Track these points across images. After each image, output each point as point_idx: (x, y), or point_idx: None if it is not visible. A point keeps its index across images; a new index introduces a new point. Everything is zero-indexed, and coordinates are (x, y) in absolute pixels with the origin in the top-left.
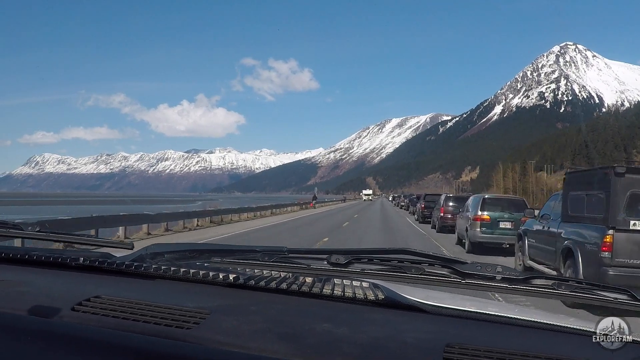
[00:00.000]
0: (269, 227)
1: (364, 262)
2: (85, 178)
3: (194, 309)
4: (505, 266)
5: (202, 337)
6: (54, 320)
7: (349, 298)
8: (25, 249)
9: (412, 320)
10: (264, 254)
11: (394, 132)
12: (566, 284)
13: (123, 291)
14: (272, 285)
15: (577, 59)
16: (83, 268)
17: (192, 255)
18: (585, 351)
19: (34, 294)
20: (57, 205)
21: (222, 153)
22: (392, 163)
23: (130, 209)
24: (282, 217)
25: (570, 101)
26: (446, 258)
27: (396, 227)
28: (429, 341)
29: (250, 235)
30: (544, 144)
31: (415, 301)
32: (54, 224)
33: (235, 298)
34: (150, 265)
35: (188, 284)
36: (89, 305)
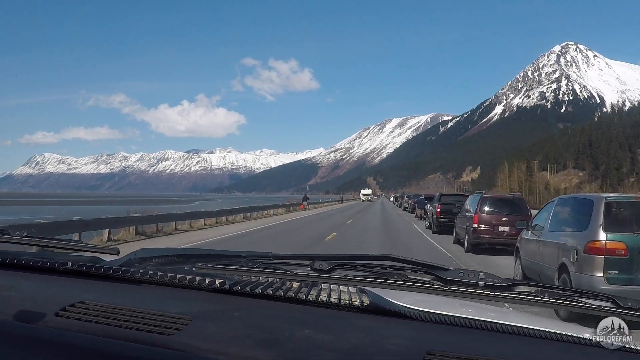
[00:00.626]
0: (219, 240)
1: (347, 268)
2: (85, 178)
3: (177, 314)
4: (488, 273)
5: (183, 343)
6: (38, 325)
7: (334, 304)
8: (13, 253)
9: (396, 327)
10: (249, 260)
11: (395, 132)
12: (550, 291)
13: (108, 296)
14: (257, 290)
15: (578, 59)
16: (71, 273)
17: (179, 260)
18: (569, 357)
19: (19, 299)
20: (58, 206)
21: (223, 153)
22: (393, 163)
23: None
24: (255, 224)
25: (571, 101)
26: (429, 265)
27: (404, 241)
28: (409, 348)
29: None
30: (545, 143)
31: (400, 306)
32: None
33: (219, 303)
34: (137, 270)
35: (173, 289)
36: (72, 310)
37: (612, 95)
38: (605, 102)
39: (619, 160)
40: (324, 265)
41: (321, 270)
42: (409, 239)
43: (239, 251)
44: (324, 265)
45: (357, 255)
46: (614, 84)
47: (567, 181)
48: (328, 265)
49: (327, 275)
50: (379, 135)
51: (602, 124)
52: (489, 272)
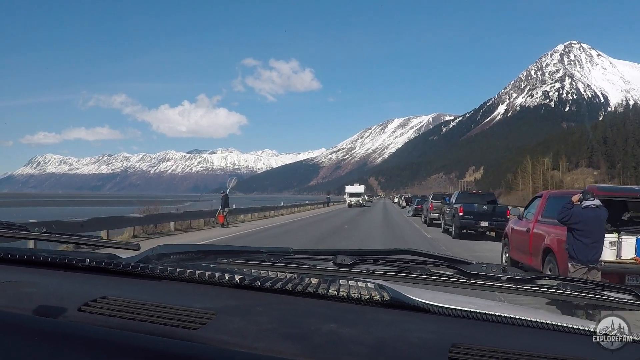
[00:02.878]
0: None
1: (370, 262)
2: (87, 178)
3: (200, 309)
4: (510, 266)
5: (208, 337)
6: (61, 320)
7: (354, 299)
8: (32, 250)
9: (418, 321)
10: (270, 255)
11: (397, 132)
12: (571, 284)
13: (129, 292)
14: (277, 286)
15: (581, 58)
16: (90, 269)
17: (198, 257)
18: (590, 351)
19: (42, 295)
20: (59, 207)
21: (224, 153)
22: (395, 163)
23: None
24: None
25: (575, 100)
26: (451, 259)
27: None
28: (434, 341)
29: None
30: (551, 142)
31: (421, 302)
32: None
33: (241, 299)
34: (156, 266)
35: (194, 284)
36: (95, 305)
37: (617, 95)
38: (610, 101)
39: (636, 158)
40: (346, 259)
41: (344, 264)
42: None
43: (259, 247)
44: (347, 260)
45: (379, 250)
46: (618, 83)
47: (581, 180)
48: (350, 260)
49: (350, 270)
50: (381, 135)
51: (617, 121)
52: (511, 266)
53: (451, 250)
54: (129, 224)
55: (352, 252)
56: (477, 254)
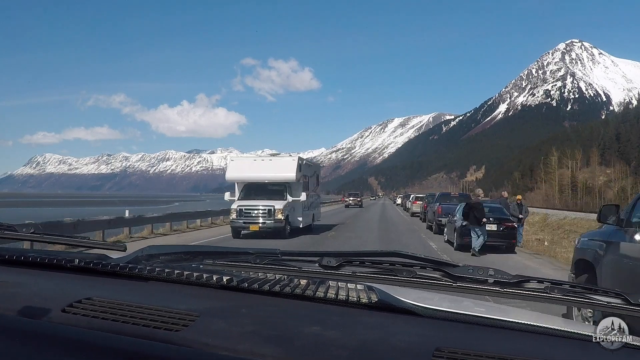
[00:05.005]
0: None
1: (356, 264)
2: (86, 178)
3: (184, 311)
4: (497, 269)
5: (190, 339)
6: (44, 321)
7: (341, 301)
8: (20, 250)
9: (404, 323)
10: (257, 257)
11: (397, 131)
12: (559, 287)
13: (116, 293)
14: (264, 287)
15: (583, 57)
16: (78, 270)
17: (187, 257)
18: (578, 355)
19: (26, 296)
20: (59, 207)
21: (224, 153)
22: (395, 163)
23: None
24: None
25: (577, 99)
26: (438, 261)
27: None
28: (418, 344)
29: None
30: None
31: (408, 303)
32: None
33: (226, 300)
34: (144, 267)
35: (180, 286)
36: (79, 307)
37: (619, 93)
38: (612, 100)
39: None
40: (332, 261)
41: (329, 266)
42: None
43: (247, 248)
44: (332, 262)
45: (365, 252)
46: (620, 82)
47: (593, 178)
48: (336, 262)
49: (336, 272)
50: (381, 135)
51: (630, 116)
52: (498, 268)
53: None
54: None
55: (338, 254)
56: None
